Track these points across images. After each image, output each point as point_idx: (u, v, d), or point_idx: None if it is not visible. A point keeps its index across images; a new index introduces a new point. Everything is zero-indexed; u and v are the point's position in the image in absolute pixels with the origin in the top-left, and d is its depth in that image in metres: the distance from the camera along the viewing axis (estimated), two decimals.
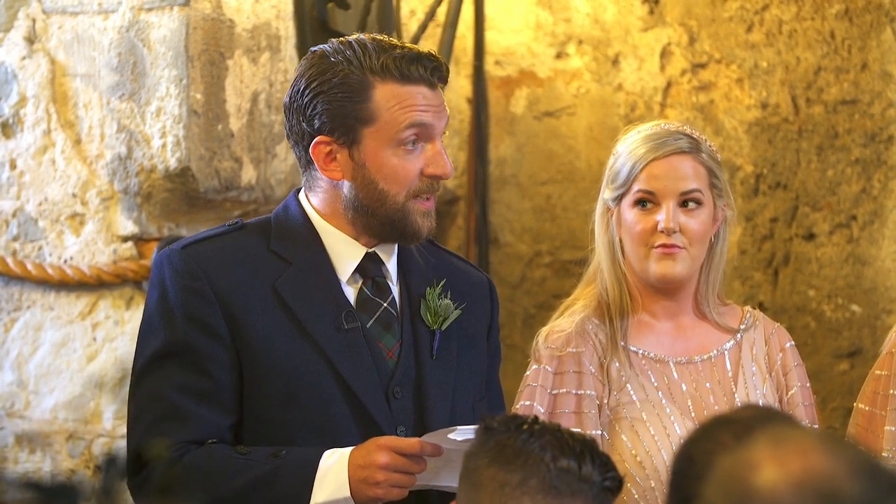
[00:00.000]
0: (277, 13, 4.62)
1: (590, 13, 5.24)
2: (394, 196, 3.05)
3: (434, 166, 3.06)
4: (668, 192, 3.49)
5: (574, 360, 3.51)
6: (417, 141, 3.05)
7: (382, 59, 3.03)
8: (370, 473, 2.90)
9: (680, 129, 3.56)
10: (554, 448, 2.48)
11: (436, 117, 3.06)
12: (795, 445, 1.79)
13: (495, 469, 2.47)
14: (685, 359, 3.56)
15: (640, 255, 3.51)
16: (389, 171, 3.04)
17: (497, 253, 5.34)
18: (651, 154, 3.50)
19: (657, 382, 3.52)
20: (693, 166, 3.51)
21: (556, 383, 3.52)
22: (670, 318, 3.59)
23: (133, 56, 4.43)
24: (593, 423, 3.48)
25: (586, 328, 3.54)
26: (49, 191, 4.53)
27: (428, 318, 3.13)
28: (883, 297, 4.95)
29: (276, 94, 4.60)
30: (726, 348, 3.60)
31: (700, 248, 3.52)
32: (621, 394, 3.50)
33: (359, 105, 3.02)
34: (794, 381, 3.62)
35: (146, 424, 3.02)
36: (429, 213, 3.09)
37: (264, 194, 4.58)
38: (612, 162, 3.58)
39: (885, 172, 4.95)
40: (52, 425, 4.56)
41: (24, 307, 4.59)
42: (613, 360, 3.52)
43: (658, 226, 3.47)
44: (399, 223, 3.07)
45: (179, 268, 3.04)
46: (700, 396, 3.52)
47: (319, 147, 3.06)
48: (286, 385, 3.01)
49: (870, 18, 4.95)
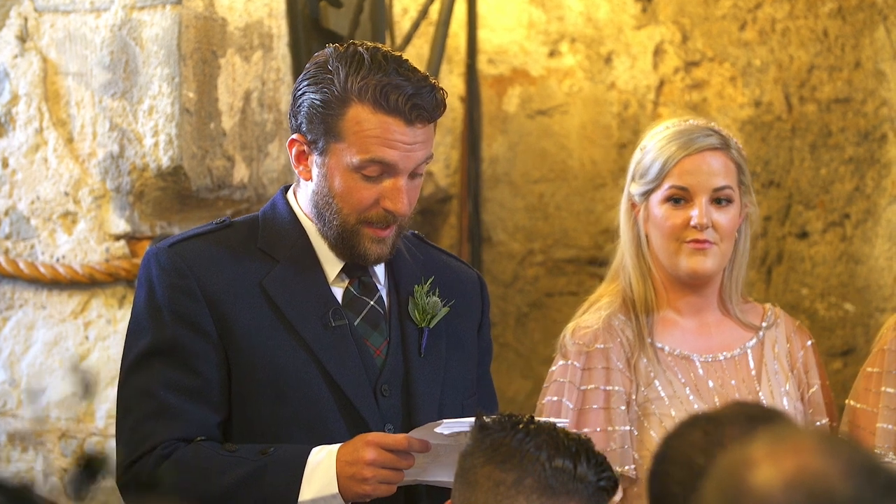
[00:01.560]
0: (270, 11, 4.62)
1: (582, 11, 5.24)
2: (346, 215, 3.03)
3: (390, 201, 3.00)
4: (701, 189, 3.50)
5: (602, 356, 3.52)
6: (379, 174, 2.99)
7: (367, 80, 2.97)
8: (358, 470, 2.90)
9: (708, 126, 3.58)
10: (549, 447, 2.48)
11: (403, 156, 2.98)
12: (792, 444, 1.79)
13: (491, 468, 2.47)
14: (710, 357, 3.58)
15: (671, 250, 3.53)
16: (345, 190, 3.02)
17: (490, 251, 5.34)
18: (683, 150, 3.51)
19: (684, 378, 3.53)
20: (724, 163, 3.54)
21: (585, 379, 3.52)
22: (695, 315, 3.60)
23: (125, 54, 4.43)
24: (622, 419, 3.49)
25: (613, 324, 3.55)
26: (41, 189, 4.53)
27: (416, 316, 3.13)
28: (876, 296, 4.95)
29: (268, 93, 4.60)
30: (749, 346, 3.61)
31: (729, 244, 3.55)
32: (649, 389, 3.51)
33: (331, 118, 3.00)
34: (815, 380, 3.64)
35: (134, 422, 3.02)
36: (382, 241, 3.04)
37: (256, 193, 4.57)
38: (639, 157, 3.58)
39: (879, 171, 4.94)
40: (45, 424, 4.56)
41: (16, 306, 4.59)
42: (641, 356, 3.52)
43: (691, 221, 3.49)
44: (348, 241, 3.05)
45: (167, 266, 3.04)
46: (726, 393, 3.54)
47: (295, 143, 3.08)
48: (274, 382, 3.01)
49: (863, 17, 4.95)
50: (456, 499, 2.54)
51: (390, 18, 4.94)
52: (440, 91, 3.01)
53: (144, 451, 2.99)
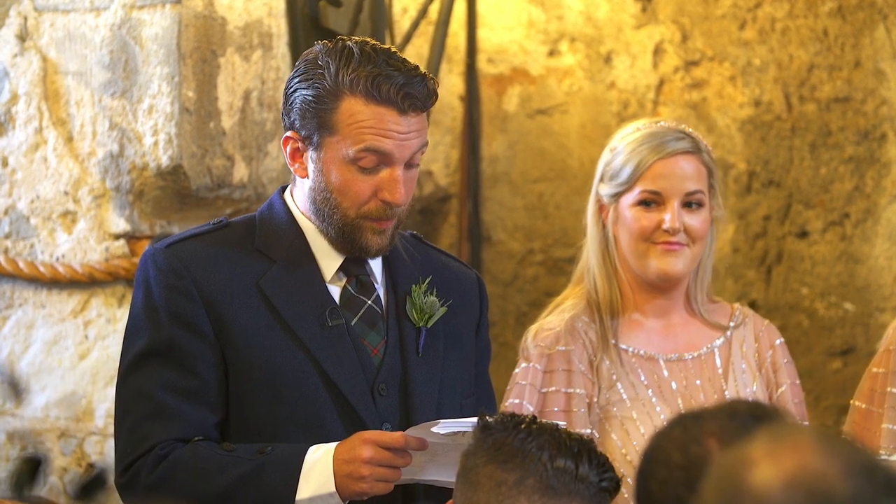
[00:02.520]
0: (269, 11, 4.62)
1: (582, 11, 5.24)
2: (345, 209, 3.04)
3: (387, 192, 3.01)
4: (674, 192, 3.50)
5: (564, 359, 3.52)
6: (376, 164, 3.01)
7: (357, 72, 2.98)
8: (355, 468, 2.90)
9: (679, 128, 3.57)
10: (551, 448, 2.48)
11: (398, 145, 2.99)
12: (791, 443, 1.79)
13: (492, 468, 2.47)
14: (675, 356, 3.57)
15: (640, 252, 3.52)
16: (342, 184, 3.02)
17: (489, 251, 5.34)
18: (656, 154, 3.50)
19: (647, 380, 3.52)
20: (696, 167, 3.53)
21: (546, 381, 3.52)
22: (661, 316, 3.59)
23: (125, 54, 4.43)
24: (583, 422, 3.48)
25: (576, 326, 3.54)
26: (41, 188, 4.53)
27: (413, 316, 3.13)
28: (876, 295, 4.94)
29: (267, 92, 4.60)
30: (716, 346, 3.60)
31: (700, 247, 3.54)
32: (611, 392, 3.50)
33: (324, 112, 3.01)
34: (784, 379, 3.62)
35: (132, 423, 3.03)
36: (382, 232, 3.05)
37: (256, 192, 4.57)
38: (608, 158, 3.57)
39: (878, 170, 4.94)
40: (44, 423, 4.56)
41: (15, 305, 4.59)
42: (603, 358, 3.52)
43: (663, 225, 3.49)
44: (349, 235, 3.05)
45: (163, 266, 3.04)
46: (690, 394, 3.53)
47: (289, 141, 3.08)
48: (271, 382, 3.02)
49: (862, 16, 4.95)
50: (458, 498, 2.54)
51: (390, 18, 4.94)
52: (431, 80, 3.03)
53: (142, 451, 2.99)
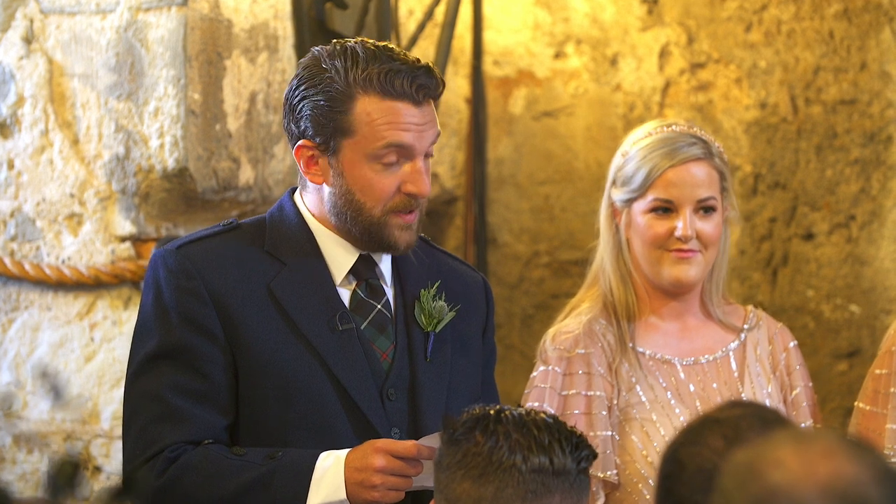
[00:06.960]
0: (275, 13, 4.62)
1: (588, 13, 5.24)
2: (370, 209, 3.04)
3: (412, 184, 3.02)
4: (686, 200, 3.50)
5: (583, 362, 3.51)
6: (397, 159, 3.02)
7: (368, 71, 2.99)
8: (367, 476, 2.89)
9: (691, 132, 3.56)
10: (523, 448, 2.44)
11: (417, 137, 3.01)
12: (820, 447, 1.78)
13: (468, 484, 2.44)
14: (692, 360, 3.57)
15: (653, 259, 3.52)
16: (366, 183, 3.02)
17: (495, 253, 5.33)
18: (668, 161, 3.49)
19: (665, 383, 3.52)
20: (708, 172, 3.53)
21: (566, 384, 3.51)
22: (676, 319, 3.59)
23: (131, 56, 4.42)
24: (603, 424, 3.48)
25: (594, 329, 3.54)
26: (47, 191, 4.53)
27: (422, 320, 3.12)
28: (882, 297, 4.94)
29: (274, 95, 4.60)
30: (731, 348, 3.60)
31: (713, 251, 3.54)
32: (630, 394, 3.50)
33: (339, 115, 3.01)
34: (798, 381, 3.62)
35: (141, 425, 3.02)
36: (408, 227, 3.05)
37: (262, 194, 4.57)
38: (620, 163, 3.56)
39: (884, 172, 4.94)
40: (50, 426, 4.56)
41: (21, 307, 4.59)
42: (622, 361, 3.52)
43: (675, 232, 3.48)
44: (376, 234, 3.05)
45: (174, 268, 3.03)
46: (707, 396, 3.53)
47: (302, 150, 3.07)
48: (281, 385, 3.01)
49: (869, 18, 4.95)
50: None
51: (396, 20, 4.94)
52: (436, 68, 3.05)
53: (152, 454, 2.98)
